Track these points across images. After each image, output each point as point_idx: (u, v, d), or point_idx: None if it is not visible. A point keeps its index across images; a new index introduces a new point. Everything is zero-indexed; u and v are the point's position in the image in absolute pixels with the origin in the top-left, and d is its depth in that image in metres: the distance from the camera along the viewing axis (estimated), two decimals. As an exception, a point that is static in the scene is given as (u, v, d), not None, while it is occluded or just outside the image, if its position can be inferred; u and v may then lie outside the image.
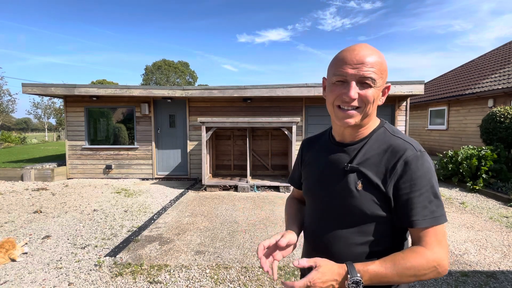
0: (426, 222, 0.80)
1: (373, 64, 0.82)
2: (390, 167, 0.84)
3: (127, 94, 7.66)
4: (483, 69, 11.51)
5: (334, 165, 0.94)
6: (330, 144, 0.99)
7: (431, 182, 0.82)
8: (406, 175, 0.82)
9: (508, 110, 7.13)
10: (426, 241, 0.80)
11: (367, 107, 0.86)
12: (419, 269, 0.78)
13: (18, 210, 5.28)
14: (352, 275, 0.76)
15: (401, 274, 0.78)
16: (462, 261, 3.29)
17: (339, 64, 0.85)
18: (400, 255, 0.80)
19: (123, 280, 2.92)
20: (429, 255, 0.78)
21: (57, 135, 30.94)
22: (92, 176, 8.33)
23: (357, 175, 0.87)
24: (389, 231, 0.88)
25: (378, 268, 0.78)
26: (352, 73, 0.83)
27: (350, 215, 0.89)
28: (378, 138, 0.91)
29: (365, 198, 0.85)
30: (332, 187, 0.92)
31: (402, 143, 0.87)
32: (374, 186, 0.85)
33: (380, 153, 0.87)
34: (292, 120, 6.68)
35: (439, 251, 0.79)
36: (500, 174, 6.47)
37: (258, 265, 3.22)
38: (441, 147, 11.48)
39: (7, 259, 3.27)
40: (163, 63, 46.90)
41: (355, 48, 0.85)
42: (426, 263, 0.78)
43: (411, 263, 0.78)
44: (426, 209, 0.81)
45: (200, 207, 5.46)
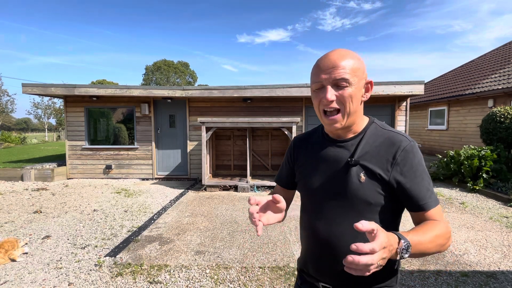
0: (433, 203, 0.89)
1: (344, 65, 0.88)
2: (391, 158, 0.91)
3: (127, 94, 7.66)
4: (483, 69, 11.51)
5: (334, 161, 0.98)
6: (325, 141, 1.03)
7: (425, 168, 0.93)
8: (407, 163, 0.90)
9: (508, 110, 7.13)
10: (436, 218, 0.88)
11: (346, 107, 0.91)
12: (443, 237, 0.84)
13: (18, 210, 5.28)
14: (404, 240, 0.74)
15: (432, 241, 0.81)
16: (462, 261, 3.29)
17: (315, 72, 0.93)
18: (424, 226, 0.85)
19: (123, 280, 2.92)
20: (445, 225, 0.87)
21: (57, 135, 30.93)
22: (92, 176, 8.33)
23: (359, 168, 0.92)
24: (389, 219, 0.95)
25: (416, 237, 0.78)
26: (326, 78, 0.89)
27: (355, 207, 0.93)
28: (372, 132, 0.97)
29: (369, 188, 0.91)
30: (335, 182, 0.96)
31: (396, 135, 0.94)
32: (376, 177, 0.91)
33: (377, 146, 0.94)
34: (292, 120, 6.68)
35: (446, 222, 0.89)
36: (500, 174, 6.47)
37: (258, 265, 3.22)
38: (441, 147, 11.48)
39: (6, 259, 3.27)
40: (163, 63, 46.92)
41: (328, 54, 0.92)
42: (446, 231, 0.85)
43: (438, 231, 0.83)
44: (429, 192, 0.90)
45: (200, 207, 5.46)
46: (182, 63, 49.17)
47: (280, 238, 3.94)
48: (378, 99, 7.80)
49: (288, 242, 3.80)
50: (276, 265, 3.23)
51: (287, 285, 2.85)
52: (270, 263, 3.28)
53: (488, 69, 11.18)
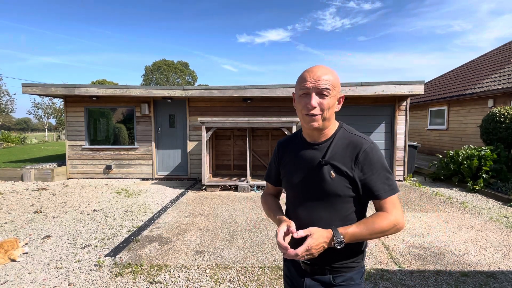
0: (386, 194, 1.10)
1: (327, 79, 1.09)
2: (354, 158, 1.11)
3: (127, 94, 7.66)
4: (483, 69, 11.51)
5: (310, 160, 1.18)
6: (303, 145, 1.24)
7: (384, 164, 1.12)
8: (366, 162, 1.10)
9: (508, 110, 7.12)
10: (386, 208, 1.09)
11: (324, 113, 1.11)
12: (384, 228, 1.06)
13: (18, 210, 5.28)
14: (337, 236, 1.03)
15: (371, 233, 1.06)
16: (462, 261, 3.29)
17: (302, 81, 1.12)
18: (369, 219, 1.08)
19: (123, 280, 2.92)
20: (390, 217, 1.07)
21: (57, 135, 30.93)
22: (92, 176, 8.33)
23: (329, 167, 1.13)
24: (356, 207, 1.16)
25: (355, 230, 1.05)
26: (312, 86, 1.09)
27: (327, 198, 1.14)
28: (340, 136, 1.17)
29: (337, 183, 1.12)
30: (311, 178, 1.17)
31: (359, 139, 1.14)
32: (343, 173, 1.11)
33: (344, 148, 1.14)
34: (292, 120, 6.68)
35: (396, 213, 1.08)
36: (500, 174, 6.47)
37: (258, 265, 3.22)
38: (441, 147, 11.47)
39: (6, 259, 3.27)
40: (163, 63, 46.91)
41: (313, 69, 1.12)
42: (388, 223, 1.06)
43: (378, 224, 1.06)
44: (384, 184, 1.10)
45: (200, 207, 5.46)
46: (182, 63, 49.17)
47: (280, 238, 3.93)
48: (378, 99, 7.80)
49: (288, 242, 3.79)
50: (276, 265, 3.23)
51: (287, 285, 2.85)
52: (270, 263, 3.28)
53: (488, 69, 11.18)
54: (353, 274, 1.17)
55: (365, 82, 7.27)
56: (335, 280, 1.15)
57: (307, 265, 1.19)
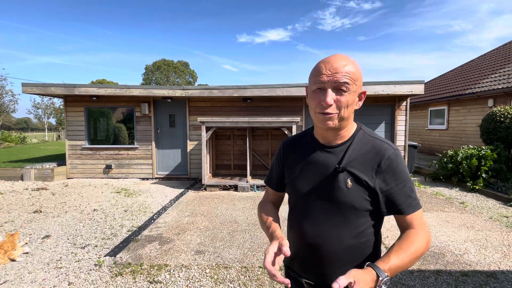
0: (412, 209, 0.96)
1: (346, 72, 0.91)
2: (376, 165, 0.96)
3: (127, 94, 7.66)
4: (483, 69, 11.50)
5: (322, 165, 1.02)
6: (315, 146, 1.06)
7: (408, 175, 0.98)
8: (390, 171, 0.95)
9: (508, 110, 7.12)
10: (414, 224, 0.95)
11: (342, 112, 0.94)
12: (422, 249, 0.91)
13: (18, 210, 5.28)
14: (382, 276, 0.83)
15: (412, 258, 0.89)
16: (462, 261, 3.29)
17: (317, 73, 0.95)
18: (405, 242, 0.91)
19: (123, 280, 2.92)
20: (423, 235, 0.93)
21: (57, 135, 30.93)
22: (92, 176, 8.33)
23: (346, 174, 0.97)
24: (373, 222, 1.01)
25: (396, 262, 0.87)
26: (328, 80, 0.92)
27: (340, 211, 0.98)
28: (360, 139, 1.01)
29: (354, 194, 0.96)
30: (323, 186, 1.00)
31: (382, 143, 1.00)
32: (362, 183, 0.96)
33: (364, 153, 0.98)
34: (292, 120, 6.68)
35: (426, 230, 0.96)
36: (500, 174, 6.47)
37: (258, 265, 3.22)
38: (441, 147, 11.47)
39: (6, 259, 3.27)
40: (163, 63, 46.88)
41: (330, 59, 0.94)
42: (423, 242, 0.92)
43: (416, 247, 0.90)
44: (410, 198, 0.96)
45: (200, 207, 5.46)
46: (182, 63, 49.13)
47: (280, 237, 3.93)
48: (378, 98, 7.80)
49: (288, 242, 3.79)
50: (276, 264, 3.23)
51: (287, 284, 2.85)
52: (270, 262, 3.27)
53: (488, 69, 11.17)
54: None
55: (365, 81, 7.27)
56: None
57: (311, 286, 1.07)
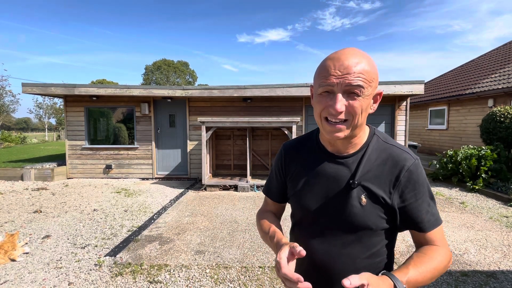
0: (432, 225, 0.86)
1: (360, 72, 0.76)
2: (394, 179, 0.85)
3: (127, 94, 7.66)
4: (483, 69, 11.50)
5: (333, 179, 0.89)
6: (322, 155, 0.93)
7: (428, 186, 0.88)
8: (410, 185, 0.85)
9: (508, 110, 7.12)
10: (436, 240, 0.86)
11: (355, 119, 0.80)
12: (443, 266, 0.83)
13: (18, 210, 5.28)
14: (399, 286, 0.74)
15: (432, 276, 0.81)
16: (462, 261, 3.29)
17: (324, 73, 0.79)
18: (426, 257, 0.83)
19: (123, 280, 2.92)
20: (445, 252, 0.85)
21: (57, 135, 30.93)
22: (92, 176, 8.33)
23: (360, 189, 0.85)
24: (387, 240, 0.91)
25: (416, 275, 0.78)
26: (338, 83, 0.77)
27: (354, 231, 0.87)
28: (374, 148, 0.88)
29: (370, 212, 0.85)
30: (334, 203, 0.88)
31: (401, 152, 0.87)
32: (379, 200, 0.85)
33: (380, 164, 0.86)
34: (292, 120, 6.68)
35: (446, 246, 0.87)
36: (500, 174, 6.47)
37: (258, 265, 3.22)
38: (441, 147, 11.47)
39: (6, 259, 3.27)
40: (163, 63, 46.87)
41: (340, 55, 0.78)
42: (445, 260, 0.84)
43: (438, 262, 0.82)
44: (429, 214, 0.86)
45: (200, 207, 5.46)
46: (182, 63, 49.12)
47: (280, 237, 3.93)
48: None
49: (288, 242, 3.79)
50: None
51: (287, 284, 2.85)
52: (270, 262, 3.28)
53: (488, 69, 11.17)
54: None
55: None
56: None
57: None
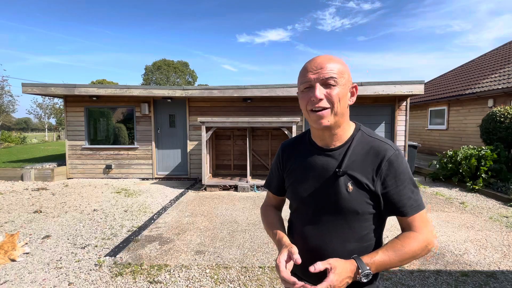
0: (413, 210, 0.94)
1: (331, 67, 0.92)
2: (376, 167, 0.95)
3: (127, 94, 7.66)
4: (483, 69, 11.50)
5: (322, 170, 1.01)
6: (313, 150, 1.05)
7: (410, 175, 0.96)
8: (391, 173, 0.94)
9: (508, 110, 7.13)
10: (415, 226, 0.94)
11: (335, 106, 0.93)
12: (415, 252, 0.91)
13: (18, 210, 5.28)
14: (363, 269, 0.87)
15: (402, 259, 0.90)
16: (462, 261, 3.29)
17: (303, 73, 0.96)
18: (398, 242, 0.92)
19: (123, 280, 2.92)
20: (420, 237, 0.92)
21: (57, 135, 30.93)
22: (92, 176, 8.33)
23: (346, 178, 0.96)
24: (375, 225, 1.00)
25: (383, 258, 0.89)
26: (315, 77, 0.92)
27: (342, 216, 0.97)
28: (359, 141, 1.00)
29: (356, 198, 0.95)
30: (323, 191, 1.00)
31: (382, 144, 0.98)
32: (363, 186, 0.95)
33: (363, 155, 0.97)
34: (292, 120, 6.68)
35: (426, 232, 0.93)
36: (500, 174, 6.47)
37: (258, 265, 3.22)
38: (441, 147, 11.47)
39: (6, 259, 3.27)
40: (163, 63, 46.88)
41: (314, 58, 0.96)
42: (419, 245, 0.91)
43: (409, 248, 0.90)
44: (411, 200, 0.94)
45: (200, 207, 5.46)
46: (182, 63, 49.13)
47: (280, 238, 3.93)
48: (378, 99, 7.80)
49: (288, 242, 3.79)
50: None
51: (287, 285, 2.85)
52: (270, 263, 3.28)
53: (488, 69, 11.17)
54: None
55: (365, 82, 7.27)
56: None
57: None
